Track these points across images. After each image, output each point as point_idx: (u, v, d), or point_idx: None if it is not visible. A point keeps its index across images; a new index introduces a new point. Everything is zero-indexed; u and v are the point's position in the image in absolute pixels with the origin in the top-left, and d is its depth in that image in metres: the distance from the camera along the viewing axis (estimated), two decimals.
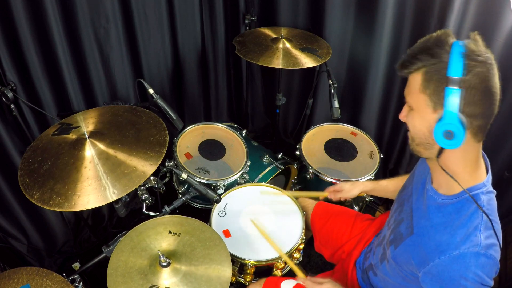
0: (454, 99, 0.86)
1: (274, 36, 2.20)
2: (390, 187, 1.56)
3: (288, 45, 2.11)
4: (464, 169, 0.97)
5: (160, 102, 1.75)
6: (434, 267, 0.95)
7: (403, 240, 1.10)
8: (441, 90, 0.89)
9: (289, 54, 2.04)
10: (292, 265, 1.40)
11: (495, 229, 0.93)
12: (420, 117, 0.97)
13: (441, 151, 0.95)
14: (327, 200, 1.76)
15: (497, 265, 0.92)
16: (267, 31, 2.28)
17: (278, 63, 1.98)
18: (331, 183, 1.89)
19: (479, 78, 0.86)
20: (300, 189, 2.15)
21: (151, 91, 1.74)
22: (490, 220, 0.92)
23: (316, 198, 1.78)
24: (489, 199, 0.97)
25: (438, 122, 0.90)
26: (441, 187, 1.04)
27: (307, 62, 2.00)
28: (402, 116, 1.06)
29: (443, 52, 0.89)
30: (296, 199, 1.74)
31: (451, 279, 0.92)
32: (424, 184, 1.12)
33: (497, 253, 0.92)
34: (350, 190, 1.60)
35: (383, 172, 2.60)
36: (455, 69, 0.86)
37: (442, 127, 0.89)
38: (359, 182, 1.64)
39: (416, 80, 0.95)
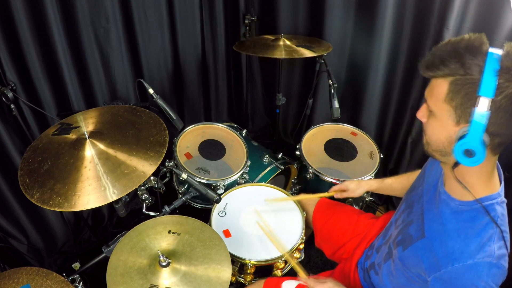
0: (481, 120, 0.82)
1: (274, 37, 2.21)
2: (396, 185, 1.55)
3: (288, 42, 2.12)
4: (478, 179, 0.96)
5: (160, 102, 1.75)
6: (446, 273, 0.95)
7: (412, 243, 1.09)
8: (468, 107, 0.84)
9: (290, 48, 2.05)
10: (294, 264, 1.40)
11: (505, 239, 0.93)
12: (440, 126, 0.93)
13: (457, 163, 0.92)
14: (329, 196, 1.75)
15: (505, 274, 0.93)
16: (267, 36, 2.28)
17: (280, 54, 1.98)
18: (331, 183, 1.89)
19: (510, 99, 0.81)
20: (300, 189, 2.15)
21: (151, 91, 1.74)
22: (502, 231, 0.93)
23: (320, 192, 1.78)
24: (503, 209, 0.97)
25: (460, 139, 0.86)
26: (455, 192, 1.02)
27: (307, 53, 2.00)
28: (421, 116, 1.00)
29: (475, 63, 0.82)
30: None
31: (463, 286, 0.92)
32: (436, 186, 1.11)
33: (506, 263, 0.93)
34: (355, 190, 1.59)
35: (383, 172, 2.60)
36: (487, 89, 0.80)
37: (464, 146, 0.85)
38: (363, 181, 1.63)
39: (441, 87, 0.89)
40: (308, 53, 1.99)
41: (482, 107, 0.81)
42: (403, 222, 1.20)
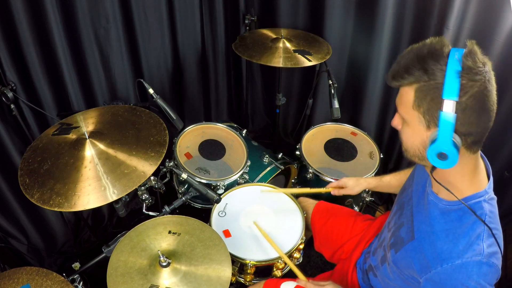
0: (448, 121, 0.83)
1: (274, 36, 2.20)
2: (394, 182, 1.55)
3: (288, 44, 2.11)
4: (461, 178, 0.96)
5: (160, 102, 1.75)
6: (436, 274, 0.95)
7: (403, 245, 1.09)
8: (435, 111, 0.86)
9: (288, 54, 2.04)
10: (293, 267, 1.40)
11: (496, 237, 0.92)
12: (413, 132, 0.94)
13: (434, 167, 0.93)
14: (327, 198, 1.75)
15: (498, 272, 0.92)
16: (267, 32, 2.27)
17: (278, 61, 1.97)
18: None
19: (475, 99, 0.82)
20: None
21: (151, 91, 1.74)
22: (491, 229, 0.92)
23: (318, 195, 1.77)
24: (491, 206, 0.96)
25: (431, 144, 0.87)
26: (441, 192, 1.02)
27: (304, 63, 1.99)
28: (395, 124, 1.02)
29: (437, 68, 0.84)
30: (297, 198, 1.74)
31: (453, 287, 0.92)
32: (425, 187, 1.11)
33: (498, 261, 0.92)
34: (353, 187, 1.57)
35: (383, 172, 2.58)
36: (450, 91, 0.81)
37: (436, 149, 0.86)
38: (362, 179, 1.61)
39: (408, 95, 0.91)
40: (305, 63, 1.98)
41: (448, 110, 0.82)
42: (395, 225, 1.20)
